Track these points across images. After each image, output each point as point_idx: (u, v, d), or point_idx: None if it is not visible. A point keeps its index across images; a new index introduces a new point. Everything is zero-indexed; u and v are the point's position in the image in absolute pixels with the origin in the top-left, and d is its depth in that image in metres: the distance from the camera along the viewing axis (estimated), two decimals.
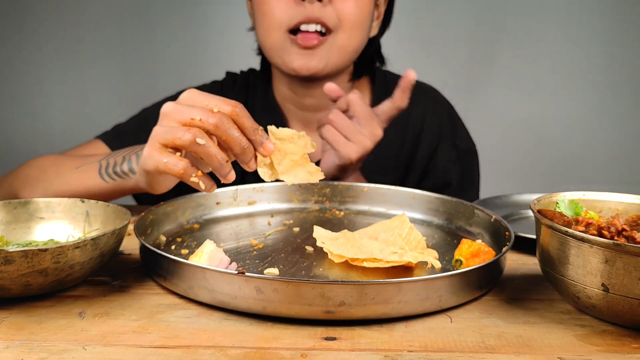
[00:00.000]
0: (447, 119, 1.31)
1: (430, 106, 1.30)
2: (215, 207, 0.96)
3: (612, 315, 0.63)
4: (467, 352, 0.58)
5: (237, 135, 0.74)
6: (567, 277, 0.64)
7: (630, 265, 0.59)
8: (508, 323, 0.65)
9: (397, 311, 0.63)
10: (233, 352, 0.57)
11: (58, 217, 0.80)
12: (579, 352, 0.59)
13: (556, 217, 0.69)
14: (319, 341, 0.59)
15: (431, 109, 1.29)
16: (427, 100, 1.30)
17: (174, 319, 0.64)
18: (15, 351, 0.56)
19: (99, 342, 0.58)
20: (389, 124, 1.08)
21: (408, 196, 0.99)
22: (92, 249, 0.66)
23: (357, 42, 1.13)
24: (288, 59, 1.10)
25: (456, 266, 0.77)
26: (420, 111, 1.27)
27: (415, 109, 1.27)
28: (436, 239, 0.89)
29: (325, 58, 1.10)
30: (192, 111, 0.74)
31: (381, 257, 0.74)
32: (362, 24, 1.12)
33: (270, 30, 1.10)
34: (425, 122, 1.28)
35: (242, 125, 0.74)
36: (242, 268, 0.74)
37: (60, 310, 0.65)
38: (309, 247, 0.82)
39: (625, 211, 0.76)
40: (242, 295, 0.63)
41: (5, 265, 0.61)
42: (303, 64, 1.09)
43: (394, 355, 0.57)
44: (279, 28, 1.08)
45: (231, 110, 0.74)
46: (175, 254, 0.75)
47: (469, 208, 0.92)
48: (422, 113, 1.28)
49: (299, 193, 1.02)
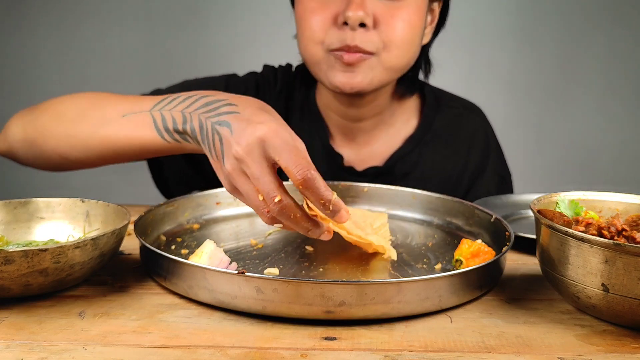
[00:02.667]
0: (492, 141, 1.27)
1: (479, 125, 1.26)
2: (215, 207, 0.96)
3: (612, 315, 0.63)
4: (467, 352, 0.58)
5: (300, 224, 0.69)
6: (567, 277, 0.64)
7: (630, 265, 0.59)
8: (508, 323, 0.65)
9: (397, 311, 0.63)
10: (233, 352, 0.57)
11: (58, 217, 0.80)
12: (579, 352, 0.59)
13: (556, 217, 0.69)
14: (319, 341, 0.59)
15: (480, 128, 1.26)
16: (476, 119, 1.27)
17: (174, 319, 0.64)
18: (15, 351, 0.56)
19: (99, 342, 0.58)
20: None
21: (408, 196, 0.99)
22: (92, 249, 0.66)
23: (407, 59, 1.07)
24: (331, 75, 1.03)
25: (456, 266, 0.77)
26: (470, 129, 1.24)
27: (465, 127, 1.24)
28: (436, 239, 0.89)
29: (370, 75, 1.03)
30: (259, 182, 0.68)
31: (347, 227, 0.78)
32: (412, 41, 1.05)
33: (310, 47, 1.04)
34: (475, 140, 1.23)
35: (312, 195, 0.68)
36: (242, 268, 0.74)
37: (60, 310, 0.65)
38: (309, 247, 0.82)
39: (625, 211, 0.76)
40: (242, 295, 0.63)
41: (6, 265, 0.61)
42: (346, 81, 1.02)
43: (394, 355, 0.57)
44: (319, 45, 1.03)
45: (301, 180, 0.67)
46: (175, 254, 0.75)
47: (469, 208, 0.92)
48: (472, 131, 1.24)
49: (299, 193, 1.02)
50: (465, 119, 1.25)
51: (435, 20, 1.15)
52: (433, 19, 1.15)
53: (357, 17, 0.97)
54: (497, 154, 1.27)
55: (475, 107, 1.29)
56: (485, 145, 1.24)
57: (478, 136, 1.24)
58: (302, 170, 0.66)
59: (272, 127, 0.69)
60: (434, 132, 1.20)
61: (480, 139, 1.24)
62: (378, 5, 1.00)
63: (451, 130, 1.22)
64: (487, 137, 1.26)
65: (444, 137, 1.20)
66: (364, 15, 0.97)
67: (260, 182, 0.68)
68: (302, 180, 0.66)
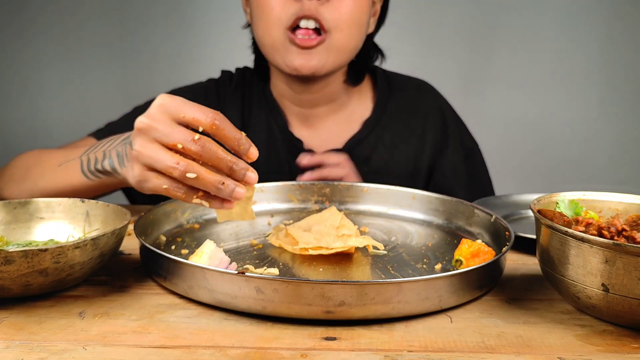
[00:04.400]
0: (450, 116, 1.30)
1: (432, 102, 1.30)
2: None
3: (612, 315, 0.63)
4: (467, 352, 0.58)
5: (222, 156, 0.70)
6: (567, 277, 0.64)
7: (630, 265, 0.59)
8: (508, 323, 0.65)
9: (397, 311, 0.63)
10: (233, 352, 0.57)
11: (58, 217, 0.80)
12: (579, 352, 0.59)
13: (556, 217, 0.69)
14: (319, 341, 0.59)
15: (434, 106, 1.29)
16: (428, 97, 1.30)
17: (174, 319, 0.64)
18: (15, 351, 0.56)
19: (99, 342, 0.58)
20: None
21: (408, 196, 0.99)
22: (92, 249, 0.66)
23: (355, 41, 1.14)
24: (288, 59, 1.10)
25: (456, 266, 0.77)
26: (423, 108, 1.28)
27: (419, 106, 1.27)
28: (436, 239, 0.89)
29: (324, 57, 1.11)
30: (172, 135, 0.70)
31: (325, 244, 0.77)
32: (360, 22, 1.13)
33: (270, 28, 1.10)
34: (430, 118, 1.27)
35: (224, 137, 0.70)
36: (242, 268, 0.74)
37: (60, 310, 0.65)
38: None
39: (625, 211, 0.76)
40: (242, 295, 0.63)
41: (6, 265, 0.61)
42: (303, 63, 1.10)
43: (394, 355, 0.57)
44: (279, 25, 1.09)
45: (211, 124, 0.69)
46: (175, 254, 0.75)
47: (469, 208, 0.92)
48: (426, 110, 1.28)
49: (299, 193, 1.02)
50: (418, 99, 1.29)
51: (377, 13, 1.23)
52: (375, 11, 1.22)
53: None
54: (457, 128, 1.30)
55: (427, 85, 1.33)
56: (441, 122, 1.28)
57: (433, 114, 1.28)
58: (209, 115, 0.70)
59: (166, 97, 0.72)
60: (389, 115, 1.25)
61: (436, 117, 1.28)
62: None
63: (405, 111, 1.26)
64: (443, 113, 1.29)
65: (399, 119, 1.25)
66: None
67: (175, 134, 0.70)
68: (212, 123, 0.69)
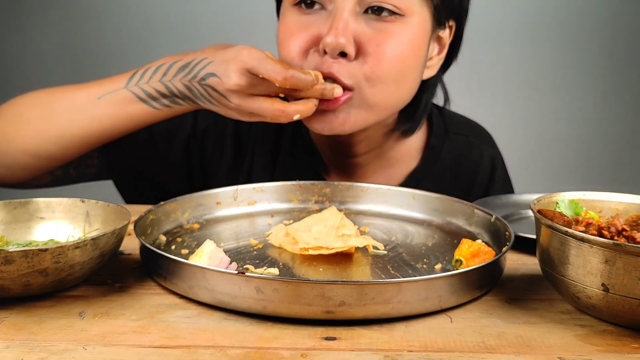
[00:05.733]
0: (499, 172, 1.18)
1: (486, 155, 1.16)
2: (216, 207, 0.96)
3: (612, 315, 0.63)
4: (467, 352, 0.58)
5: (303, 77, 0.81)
6: (567, 277, 0.64)
7: (630, 265, 0.59)
8: (508, 323, 0.65)
9: (397, 311, 0.63)
10: (233, 352, 0.57)
11: (58, 217, 0.80)
12: (579, 352, 0.59)
13: (556, 217, 0.69)
14: (319, 341, 0.59)
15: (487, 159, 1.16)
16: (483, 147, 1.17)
17: (174, 319, 0.64)
18: (15, 351, 0.56)
19: (99, 342, 0.58)
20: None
21: (408, 196, 0.99)
22: (92, 249, 0.66)
23: (397, 97, 0.92)
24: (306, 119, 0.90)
25: (456, 266, 0.77)
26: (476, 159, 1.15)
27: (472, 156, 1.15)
28: (436, 239, 0.89)
29: (353, 115, 0.90)
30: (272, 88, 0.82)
31: (325, 244, 0.77)
32: (404, 76, 0.90)
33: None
34: (480, 171, 1.14)
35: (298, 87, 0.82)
36: (242, 268, 0.74)
37: (60, 310, 0.65)
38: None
39: (625, 211, 0.76)
40: (242, 295, 0.63)
41: (5, 265, 0.61)
42: (325, 126, 0.90)
43: (394, 355, 0.57)
44: None
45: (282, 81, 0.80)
46: (175, 254, 0.75)
47: (469, 208, 0.92)
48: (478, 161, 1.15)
49: (299, 193, 1.02)
50: (473, 147, 1.15)
51: (444, 50, 1.00)
52: (442, 48, 1.00)
53: (336, 45, 0.85)
54: (502, 185, 1.17)
55: (486, 134, 1.20)
56: (489, 177, 1.15)
57: (484, 167, 1.15)
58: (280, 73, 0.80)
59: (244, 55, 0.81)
60: (439, 166, 1.10)
61: (487, 170, 1.15)
62: (364, 30, 0.87)
63: (457, 161, 1.13)
64: (494, 169, 1.16)
65: (450, 172, 1.11)
66: (345, 43, 0.85)
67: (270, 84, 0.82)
68: (283, 79, 0.80)
